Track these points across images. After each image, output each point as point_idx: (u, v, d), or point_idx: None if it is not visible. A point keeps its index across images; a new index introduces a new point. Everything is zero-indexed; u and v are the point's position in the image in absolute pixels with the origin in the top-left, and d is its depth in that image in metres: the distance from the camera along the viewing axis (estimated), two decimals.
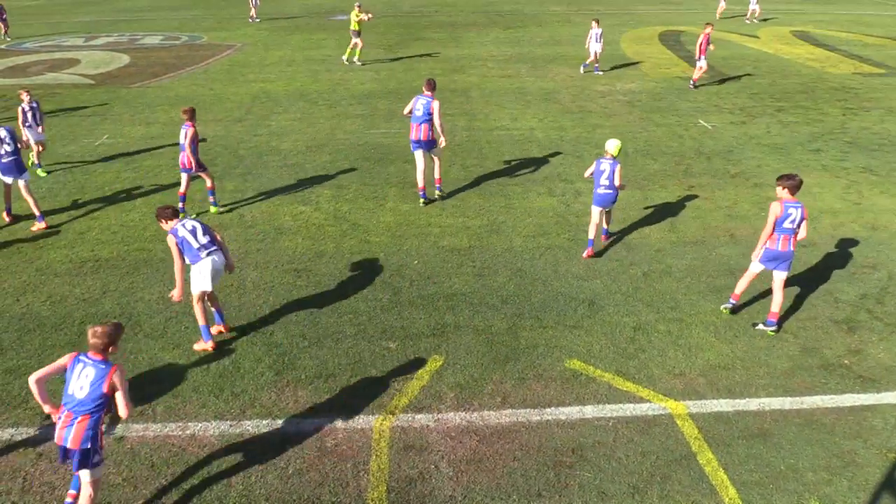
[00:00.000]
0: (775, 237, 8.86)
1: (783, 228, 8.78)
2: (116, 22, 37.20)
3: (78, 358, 5.93)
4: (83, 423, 5.79)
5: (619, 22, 34.86)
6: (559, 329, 9.16)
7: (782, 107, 19.69)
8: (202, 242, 8.51)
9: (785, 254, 8.89)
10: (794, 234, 8.83)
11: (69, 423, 5.80)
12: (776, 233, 8.83)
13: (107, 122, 18.62)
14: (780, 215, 8.72)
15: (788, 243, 8.84)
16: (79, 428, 5.79)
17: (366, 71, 24.45)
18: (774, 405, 7.76)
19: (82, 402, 5.80)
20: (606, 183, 10.75)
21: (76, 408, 5.80)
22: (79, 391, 5.83)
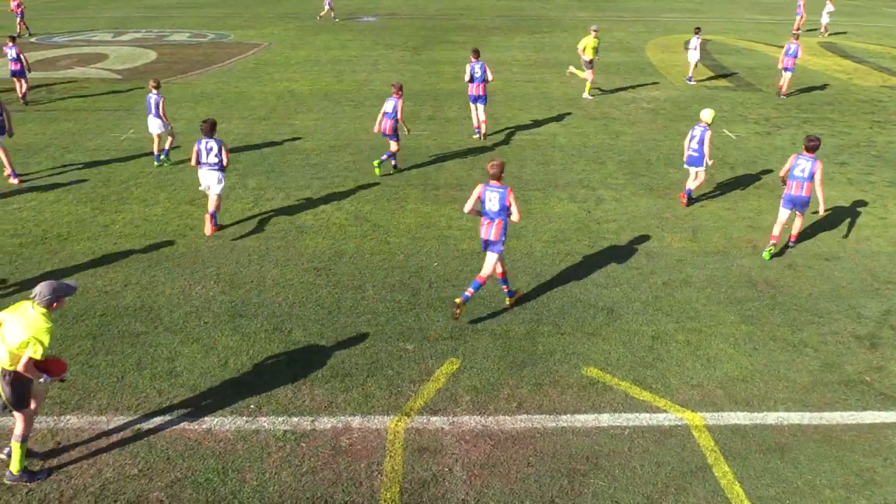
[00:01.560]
0: (790, 183, 11.08)
1: (794, 176, 11.01)
2: (145, 18, 37.60)
3: None
4: None
5: (646, 29, 34.70)
6: (577, 336, 9.13)
7: (808, 118, 19.49)
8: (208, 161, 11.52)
9: (798, 197, 11.03)
10: (805, 181, 10.90)
11: None
12: (790, 179, 11.08)
13: (133, 117, 18.81)
14: (791, 164, 11.10)
15: (801, 189, 10.93)
16: None
17: (390, 73, 24.52)
18: (793, 419, 7.68)
19: None
20: (696, 146, 12.78)
21: None
22: None
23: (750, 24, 37.65)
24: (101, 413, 7.62)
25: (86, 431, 7.35)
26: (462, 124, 18.33)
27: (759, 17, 40.04)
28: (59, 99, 20.70)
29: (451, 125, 18.27)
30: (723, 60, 27.35)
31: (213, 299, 9.89)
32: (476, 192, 9.23)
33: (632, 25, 35.83)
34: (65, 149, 16.18)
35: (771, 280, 10.62)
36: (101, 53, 27.83)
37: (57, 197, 13.38)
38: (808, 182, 10.91)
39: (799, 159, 11.02)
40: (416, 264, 10.94)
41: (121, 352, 8.67)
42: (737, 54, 28.72)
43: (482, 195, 9.14)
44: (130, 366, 8.42)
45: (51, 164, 15.19)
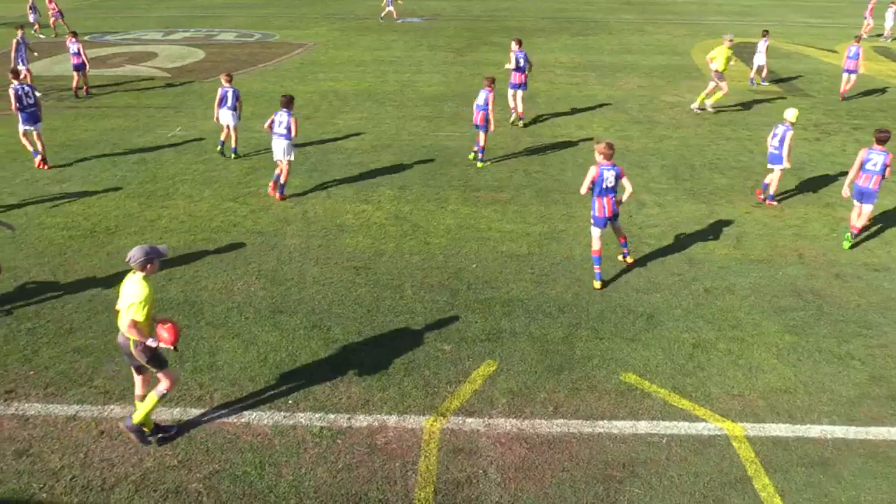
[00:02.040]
0: (860, 175, 11.45)
1: (865, 169, 11.37)
2: (193, 18, 38.29)
3: None
4: None
5: (692, 32, 34.20)
6: (616, 341, 9.04)
7: (859, 125, 18.99)
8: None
9: (866, 189, 11.38)
10: (875, 175, 11.28)
11: None
12: (861, 172, 11.41)
13: (180, 115, 19.19)
14: (862, 159, 11.40)
15: (870, 181, 11.31)
16: None
17: (433, 74, 24.59)
18: (837, 433, 7.50)
19: None
20: (776, 144, 12.99)
21: None
22: None
23: (801, 27, 36.86)
24: None
25: None
26: (504, 126, 18.27)
27: (810, 20, 39.18)
28: (110, 94, 21.20)
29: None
30: (771, 65, 26.80)
31: (255, 295, 10.03)
32: (591, 174, 9.91)
33: (677, 28, 35.35)
34: (114, 145, 16.57)
35: (817, 290, 10.38)
36: (150, 52, 28.43)
37: (106, 192, 13.71)
38: (878, 175, 11.30)
39: (871, 153, 11.36)
40: (455, 265, 10.95)
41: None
42: (786, 59, 28.13)
43: (597, 176, 9.83)
44: (172, 358, 8.57)
45: (101, 159, 15.58)
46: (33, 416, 7.58)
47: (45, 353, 8.65)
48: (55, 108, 19.84)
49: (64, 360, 8.52)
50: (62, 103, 20.39)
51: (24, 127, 14.66)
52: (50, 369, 8.34)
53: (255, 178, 14.51)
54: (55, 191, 13.71)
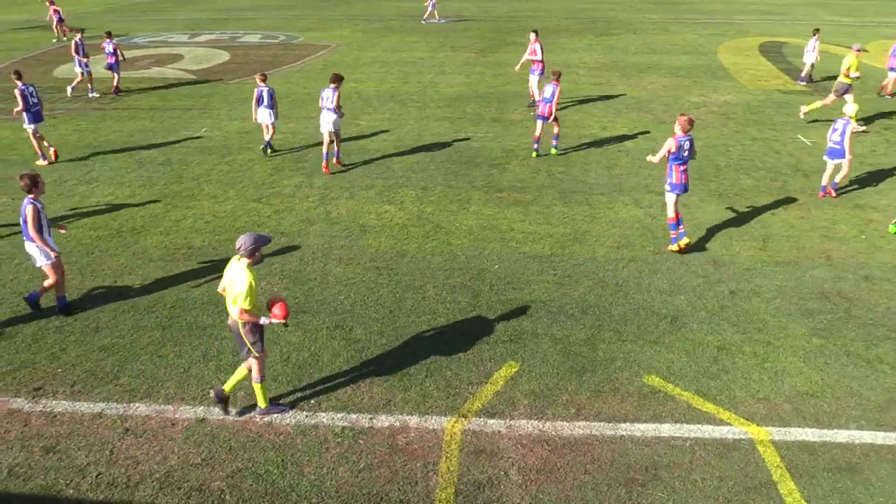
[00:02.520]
0: None
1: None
2: (218, 20, 38.67)
3: None
4: None
5: (718, 31, 33.86)
6: (639, 343, 8.97)
7: (890, 125, 18.68)
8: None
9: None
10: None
11: None
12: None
13: (206, 116, 19.38)
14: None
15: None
16: None
17: (455, 75, 24.59)
18: (865, 439, 7.37)
19: None
20: (837, 139, 13.23)
21: None
22: None
23: (830, 26, 36.33)
24: (167, 402, 7.87)
25: (153, 419, 7.59)
26: (527, 126, 18.22)
27: (841, 18, 38.62)
28: (137, 95, 21.47)
29: (516, 127, 18.20)
30: (799, 64, 26.46)
31: (277, 295, 10.09)
32: (668, 144, 10.87)
33: (704, 28, 35.02)
34: (141, 146, 16.77)
35: (845, 292, 10.22)
36: (177, 54, 28.75)
37: (132, 192, 13.88)
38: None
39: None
40: (477, 266, 10.94)
41: (188, 343, 8.94)
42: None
43: (676, 146, 10.86)
44: (197, 357, 8.66)
45: (128, 160, 15.78)
46: (60, 413, 7.69)
47: (73, 351, 8.77)
48: (83, 109, 20.14)
49: (90, 358, 8.64)
50: (90, 105, 20.68)
51: (32, 126, 15.01)
52: (77, 367, 8.46)
53: (278, 178, 14.61)
54: (83, 190, 13.91)
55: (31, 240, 9.09)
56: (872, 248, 11.60)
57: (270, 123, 15.96)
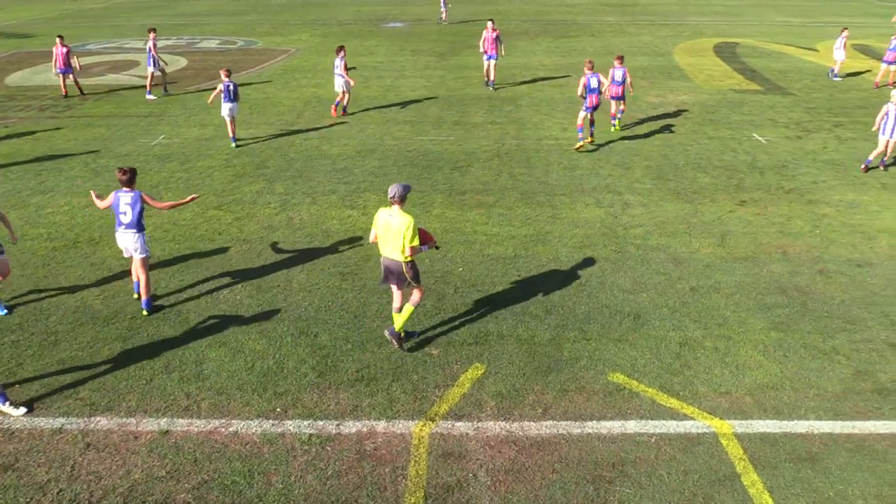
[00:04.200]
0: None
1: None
2: (175, 25, 38.14)
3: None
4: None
5: (674, 33, 34.42)
6: (603, 342, 9.07)
7: (840, 122, 19.18)
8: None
9: None
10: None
11: None
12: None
13: (163, 124, 19.10)
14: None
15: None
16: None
17: (416, 78, 24.61)
18: (824, 428, 7.55)
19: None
20: (892, 127, 14.59)
21: None
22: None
23: (781, 27, 37.17)
24: (130, 415, 7.73)
25: (115, 433, 7.45)
26: (488, 129, 18.31)
27: (791, 19, 39.53)
28: (92, 103, 21.07)
29: (477, 130, 18.27)
30: (753, 64, 27.05)
31: (241, 303, 9.99)
32: (582, 81, 15.59)
33: (660, 29, 35.56)
34: (97, 154, 16.47)
35: (802, 286, 10.46)
36: (132, 60, 28.29)
37: (89, 202, 13.59)
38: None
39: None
40: (441, 269, 10.95)
41: (150, 355, 8.79)
42: (767, 58, 28.37)
43: (587, 82, 15.85)
44: (159, 368, 8.52)
45: (83, 169, 15.47)
46: (18, 430, 7.50)
47: (30, 365, 8.57)
48: (37, 118, 19.71)
49: (49, 372, 8.44)
50: (43, 113, 20.24)
51: None
52: (35, 382, 8.26)
53: (239, 184, 14.47)
54: (38, 201, 13.60)
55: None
56: (826, 242, 11.89)
57: (233, 116, 16.76)
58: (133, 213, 9.36)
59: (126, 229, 9.42)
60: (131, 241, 9.48)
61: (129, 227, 9.41)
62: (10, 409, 7.74)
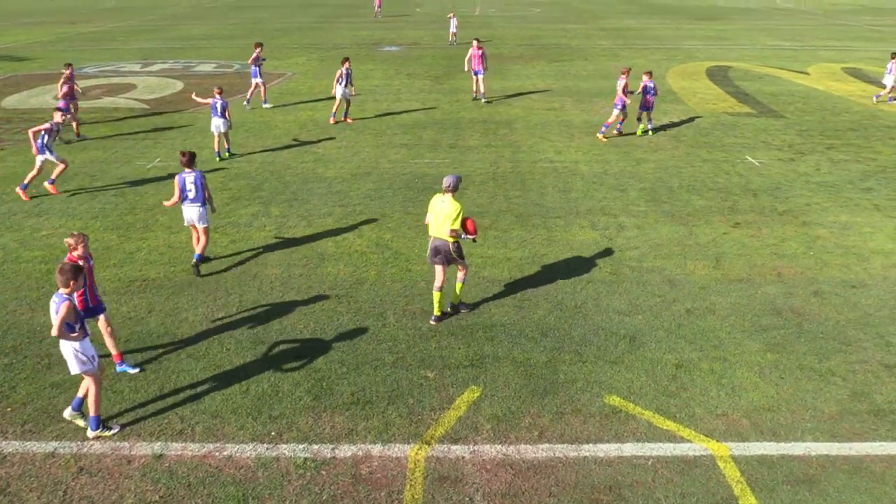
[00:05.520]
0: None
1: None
2: (172, 49, 38.37)
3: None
4: None
5: (667, 57, 34.76)
6: (599, 364, 9.05)
7: (833, 144, 19.34)
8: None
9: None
10: None
11: None
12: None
13: (159, 146, 19.15)
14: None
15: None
16: None
17: (412, 102, 24.77)
18: (821, 450, 7.53)
19: None
20: None
21: None
22: None
23: (773, 51, 37.58)
24: (123, 439, 7.67)
25: (108, 457, 7.39)
26: (483, 152, 18.40)
27: (782, 43, 39.98)
28: (88, 126, 21.13)
29: (472, 153, 18.37)
30: (745, 87, 27.31)
31: (235, 326, 9.96)
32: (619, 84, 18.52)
33: (653, 53, 35.91)
34: (93, 177, 16.49)
35: (796, 308, 10.49)
36: (129, 83, 28.41)
37: (84, 224, 13.61)
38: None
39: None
40: None
41: (144, 377, 8.75)
42: (759, 81, 28.64)
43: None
44: (153, 391, 8.48)
45: (79, 191, 15.47)
46: (10, 454, 7.44)
47: (23, 389, 8.52)
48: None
49: (42, 395, 8.39)
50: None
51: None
52: (28, 405, 8.21)
53: (235, 207, 14.49)
54: (33, 223, 13.59)
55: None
56: (820, 263, 11.94)
57: (224, 131, 17.62)
58: (197, 190, 11.25)
59: (191, 203, 11.35)
60: (196, 213, 11.38)
61: (193, 201, 11.33)
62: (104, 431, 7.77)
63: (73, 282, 7.35)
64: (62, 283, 7.32)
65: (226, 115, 17.49)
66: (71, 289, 7.36)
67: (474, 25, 48.53)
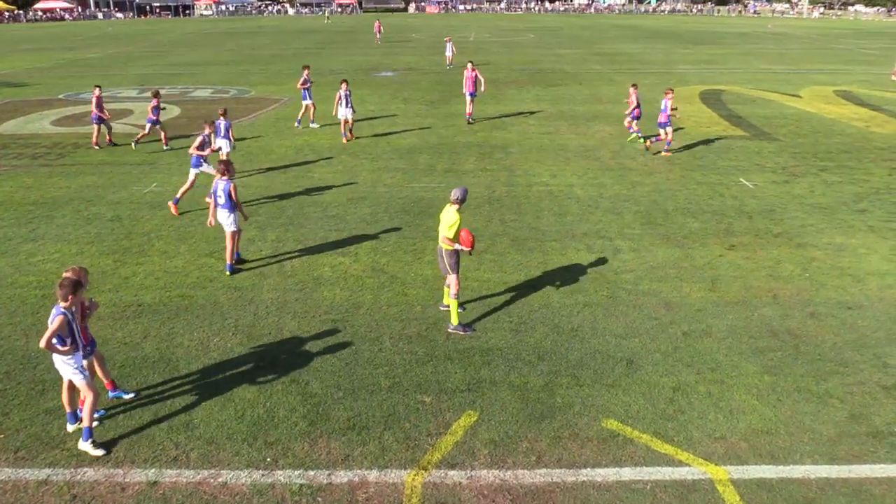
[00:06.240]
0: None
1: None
2: (170, 75, 38.62)
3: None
4: None
5: (660, 81, 35.07)
6: (596, 387, 9.02)
7: (826, 166, 19.47)
8: None
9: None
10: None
11: None
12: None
13: (156, 171, 19.19)
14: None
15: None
16: None
17: (407, 126, 24.91)
18: (820, 473, 7.49)
19: None
20: None
21: None
22: None
23: (765, 74, 37.96)
24: (117, 465, 7.60)
25: (102, 485, 7.31)
26: (479, 176, 18.48)
27: (774, 67, 40.38)
28: (85, 151, 21.17)
29: (468, 177, 18.44)
30: (738, 110, 27.54)
31: (231, 351, 9.92)
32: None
33: (646, 77, 36.23)
34: (89, 202, 16.50)
35: (793, 329, 10.48)
36: (126, 109, 28.56)
37: (80, 249, 13.59)
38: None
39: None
40: (433, 316, 10.93)
41: (138, 403, 8.68)
42: (752, 104, 28.90)
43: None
44: (147, 417, 8.41)
45: (75, 216, 15.48)
46: (3, 482, 7.35)
47: (16, 415, 8.44)
48: (29, 166, 19.77)
49: (35, 422, 8.32)
50: (36, 161, 20.32)
51: None
52: (21, 432, 8.14)
53: None
54: (28, 249, 13.56)
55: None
56: (816, 285, 11.96)
57: (226, 152, 17.98)
58: (226, 197, 12.06)
59: (221, 209, 12.19)
60: (225, 217, 12.19)
61: (223, 206, 12.16)
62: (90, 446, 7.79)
63: (72, 296, 7.50)
64: (61, 297, 7.48)
65: (229, 136, 18.11)
66: (70, 303, 7.50)
67: (469, 51, 48.97)
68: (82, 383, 7.75)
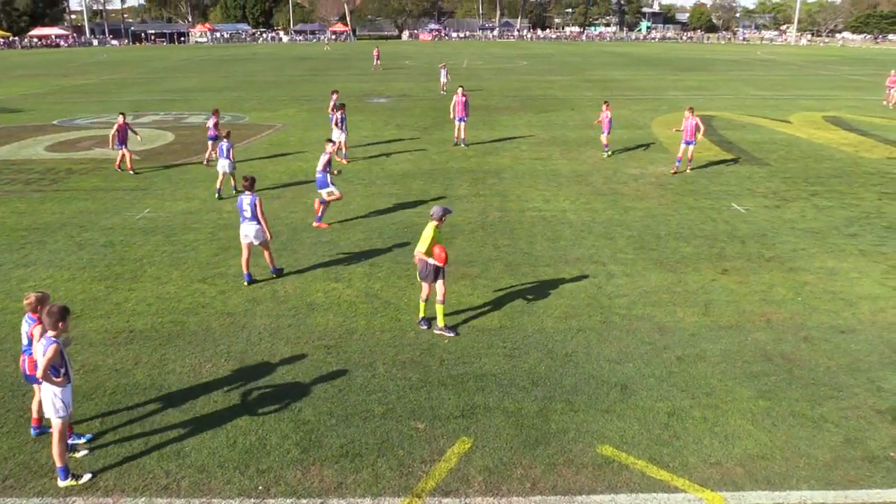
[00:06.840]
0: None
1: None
2: (163, 101, 38.77)
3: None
4: None
5: (651, 107, 35.39)
6: (591, 413, 8.98)
7: (816, 191, 19.61)
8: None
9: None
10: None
11: None
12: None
13: (149, 197, 19.18)
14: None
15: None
16: None
17: (401, 152, 25.02)
18: (817, 499, 7.44)
19: None
20: None
21: None
22: None
23: (754, 100, 38.35)
24: (107, 494, 7.50)
25: None
26: (472, 202, 18.53)
27: (764, 93, 40.82)
28: (78, 177, 21.16)
29: (461, 202, 18.49)
30: (729, 136, 27.77)
31: (223, 377, 9.84)
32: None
33: (637, 104, 36.56)
34: (81, 227, 16.46)
35: (787, 354, 10.48)
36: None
37: (72, 275, 13.53)
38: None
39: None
40: (426, 341, 10.89)
41: (129, 431, 8.59)
42: (742, 129, 29.17)
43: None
44: (138, 445, 8.32)
45: (67, 242, 15.42)
46: None
47: (5, 443, 8.34)
48: (22, 191, 19.74)
49: (24, 450, 8.22)
50: (29, 187, 20.30)
51: None
52: (9, 460, 8.03)
53: (224, 258, 14.45)
54: (20, 274, 13.49)
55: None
56: (809, 309, 11.98)
57: (229, 172, 18.95)
58: (251, 210, 12.68)
59: (249, 222, 12.79)
60: (252, 230, 12.79)
61: (250, 220, 12.77)
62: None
63: (61, 323, 7.32)
64: (50, 326, 7.26)
65: (230, 157, 18.79)
66: (59, 331, 7.32)
67: (462, 77, 49.38)
68: (58, 425, 7.44)
